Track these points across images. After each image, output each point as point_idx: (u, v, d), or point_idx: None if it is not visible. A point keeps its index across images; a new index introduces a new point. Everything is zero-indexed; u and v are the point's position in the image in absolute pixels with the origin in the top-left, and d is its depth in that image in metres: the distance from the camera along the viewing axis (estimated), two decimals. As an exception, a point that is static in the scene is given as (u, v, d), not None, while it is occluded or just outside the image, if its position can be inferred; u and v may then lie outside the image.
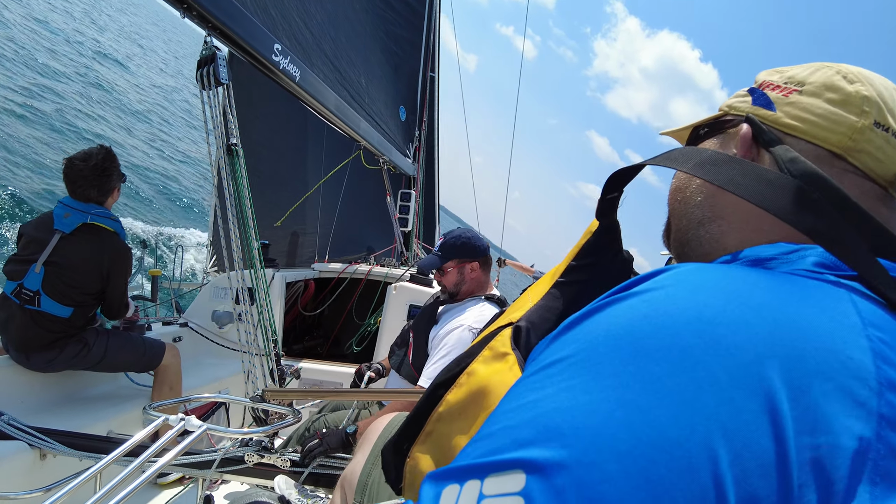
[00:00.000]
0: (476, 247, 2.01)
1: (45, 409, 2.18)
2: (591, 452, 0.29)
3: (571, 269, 0.58)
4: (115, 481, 0.97)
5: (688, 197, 0.57)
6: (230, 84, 1.53)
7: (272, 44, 1.75)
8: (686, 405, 0.29)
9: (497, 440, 0.34)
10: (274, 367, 1.78)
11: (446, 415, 0.52)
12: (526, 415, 0.33)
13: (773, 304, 0.34)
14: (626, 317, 0.35)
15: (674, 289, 0.36)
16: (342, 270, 3.65)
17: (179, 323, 3.19)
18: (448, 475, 0.34)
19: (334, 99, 2.39)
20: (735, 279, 0.36)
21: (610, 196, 0.56)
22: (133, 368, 2.46)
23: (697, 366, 0.30)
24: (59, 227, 2.11)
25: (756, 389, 0.29)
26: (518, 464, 0.31)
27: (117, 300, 2.29)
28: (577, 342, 0.36)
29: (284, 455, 1.53)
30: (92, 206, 2.16)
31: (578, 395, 0.32)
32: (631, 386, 0.31)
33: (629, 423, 0.29)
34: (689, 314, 0.33)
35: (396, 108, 3.87)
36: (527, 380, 0.37)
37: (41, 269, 2.07)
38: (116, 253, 2.19)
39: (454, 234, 2.03)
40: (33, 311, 2.09)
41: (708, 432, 0.28)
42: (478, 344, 0.55)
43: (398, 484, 0.57)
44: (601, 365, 0.33)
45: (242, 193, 1.62)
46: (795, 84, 0.53)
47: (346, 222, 4.53)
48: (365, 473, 1.05)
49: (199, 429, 1.23)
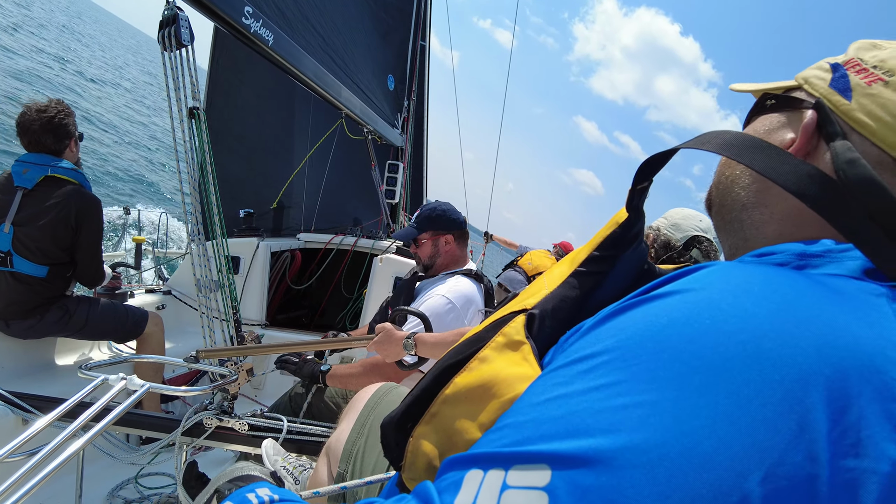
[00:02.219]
0: (451, 219, 1.99)
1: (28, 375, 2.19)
2: (619, 457, 0.28)
3: (593, 258, 0.55)
4: (52, 444, 0.96)
5: (736, 176, 0.55)
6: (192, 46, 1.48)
7: (242, 6, 1.69)
8: (722, 418, 0.28)
9: (523, 431, 0.33)
10: (234, 333, 1.78)
11: (452, 398, 0.51)
12: (555, 410, 0.33)
13: (820, 317, 0.32)
14: (664, 318, 0.34)
15: (715, 291, 0.35)
16: (328, 241, 3.64)
17: (163, 291, 3.19)
18: (471, 460, 0.34)
19: (313, 65, 2.33)
20: (780, 286, 0.35)
21: (640, 186, 0.53)
22: (115, 336, 2.47)
23: (738, 379, 0.29)
24: (19, 183, 2.06)
25: (796, 408, 0.28)
26: (544, 458, 0.30)
27: (89, 261, 2.23)
28: (611, 338, 0.36)
29: (243, 419, 1.54)
30: (50, 158, 2.10)
31: (610, 396, 0.31)
32: (666, 393, 0.30)
33: (661, 430, 0.29)
34: (733, 323, 0.32)
35: (384, 76, 3.79)
36: (555, 373, 0.37)
37: (10, 229, 2.03)
38: (83, 202, 2.12)
39: (430, 206, 2.02)
40: (7, 274, 2.06)
41: (742, 448, 0.27)
42: (489, 328, 0.54)
43: (398, 462, 0.56)
44: (636, 367, 0.32)
45: (204, 160, 1.59)
46: (885, 71, 0.48)
47: (332, 193, 4.49)
48: (350, 442, 1.05)
49: (141, 388, 1.22)
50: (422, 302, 1.83)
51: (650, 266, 0.60)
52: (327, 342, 1.66)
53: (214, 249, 1.75)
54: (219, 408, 1.58)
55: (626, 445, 0.29)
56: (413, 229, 1.98)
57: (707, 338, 0.31)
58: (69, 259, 2.19)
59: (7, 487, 0.87)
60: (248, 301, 3.15)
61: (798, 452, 0.27)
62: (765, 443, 0.27)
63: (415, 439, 0.54)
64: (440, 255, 1.99)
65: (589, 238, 0.59)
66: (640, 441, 0.29)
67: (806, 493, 0.26)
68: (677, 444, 0.28)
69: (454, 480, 0.34)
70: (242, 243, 3.18)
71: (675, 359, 0.31)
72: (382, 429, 0.59)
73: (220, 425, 1.54)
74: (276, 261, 3.45)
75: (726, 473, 0.27)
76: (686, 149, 0.50)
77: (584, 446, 0.30)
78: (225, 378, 1.61)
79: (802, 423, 0.28)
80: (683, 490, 0.27)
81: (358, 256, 3.59)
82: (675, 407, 0.29)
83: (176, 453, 1.53)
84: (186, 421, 1.52)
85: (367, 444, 1.03)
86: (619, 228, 0.55)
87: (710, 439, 0.28)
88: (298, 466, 1.43)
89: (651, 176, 0.53)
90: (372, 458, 1.00)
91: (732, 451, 0.27)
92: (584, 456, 0.29)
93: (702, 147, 0.49)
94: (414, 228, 1.98)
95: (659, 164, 0.52)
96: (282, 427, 1.54)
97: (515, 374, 0.47)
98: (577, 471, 0.29)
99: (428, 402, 0.53)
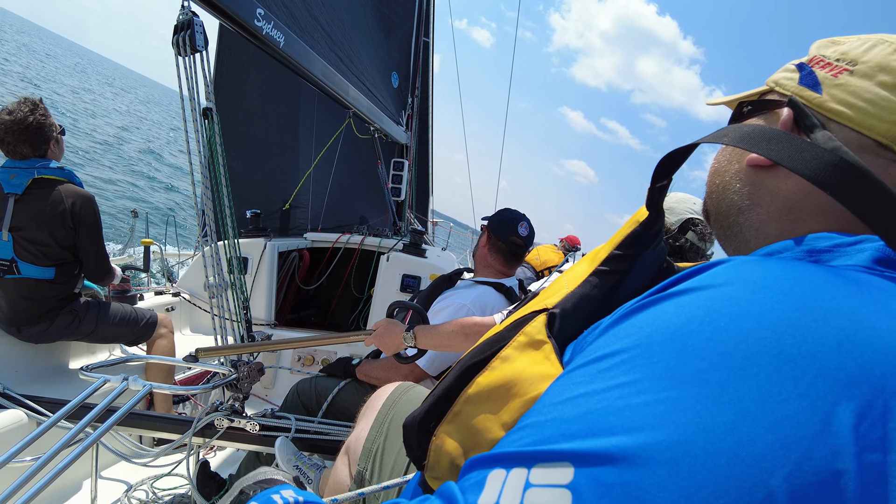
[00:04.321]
0: (501, 221, 1.92)
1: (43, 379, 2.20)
2: (642, 454, 0.29)
3: (613, 257, 0.55)
4: (56, 447, 0.96)
5: (727, 182, 0.56)
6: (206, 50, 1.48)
7: (255, 8, 1.69)
8: (745, 415, 0.28)
9: (545, 430, 0.34)
10: (245, 333, 1.78)
11: (475, 397, 0.51)
12: (576, 409, 0.33)
13: (840, 311, 0.32)
14: (683, 315, 0.34)
15: (733, 287, 0.35)
16: (335, 240, 3.64)
17: (172, 293, 3.20)
18: (494, 460, 0.34)
19: (321, 65, 2.33)
20: (798, 280, 0.35)
21: (660, 184, 0.53)
22: (125, 340, 2.47)
23: (759, 375, 0.29)
24: (9, 190, 2.03)
25: (818, 403, 0.28)
26: (567, 456, 0.31)
27: (94, 257, 2.21)
28: (629, 337, 0.36)
29: (254, 420, 1.55)
30: (35, 161, 2.06)
31: (631, 394, 0.32)
32: (687, 390, 0.30)
33: (683, 427, 0.29)
34: (752, 319, 0.32)
35: (388, 74, 3.78)
36: (575, 372, 0.37)
37: (9, 237, 2.01)
38: (76, 197, 2.09)
39: (508, 208, 2.01)
40: (16, 281, 2.06)
41: (766, 444, 0.27)
42: (510, 327, 0.54)
43: (421, 461, 0.57)
44: (656, 365, 0.32)
45: (217, 160, 1.59)
46: (847, 62, 0.49)
47: (338, 192, 4.49)
48: (370, 441, 1.06)
49: (143, 387, 1.22)
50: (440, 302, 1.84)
51: (669, 264, 0.60)
52: (327, 338, 1.67)
53: (226, 250, 1.76)
54: (229, 408, 1.59)
55: (649, 442, 0.29)
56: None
57: (726, 334, 0.31)
58: (74, 258, 2.18)
59: (14, 489, 0.88)
60: (257, 301, 3.16)
61: (824, 447, 0.27)
62: (789, 438, 0.27)
63: (438, 438, 0.54)
64: (478, 252, 1.99)
65: (588, 228, 0.58)
66: (662, 438, 0.29)
67: (833, 488, 0.26)
68: (700, 441, 0.28)
69: (477, 480, 0.34)
70: (250, 244, 3.19)
71: (695, 356, 0.31)
72: (405, 428, 0.60)
73: (231, 426, 1.54)
74: (283, 261, 3.45)
75: (750, 470, 0.27)
76: (705, 143, 0.50)
77: (606, 444, 0.30)
78: (225, 377, 1.62)
79: (827, 419, 0.27)
80: (707, 487, 0.27)
81: (366, 255, 3.59)
82: (696, 404, 0.29)
83: (188, 454, 1.54)
84: (198, 422, 1.52)
85: (387, 443, 1.04)
86: (640, 227, 0.55)
87: (733, 435, 0.28)
88: (311, 465, 1.44)
89: (671, 173, 0.53)
90: (391, 457, 1.01)
91: (756, 448, 0.27)
92: (606, 453, 0.29)
93: (720, 141, 0.50)
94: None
95: (678, 161, 0.52)
96: (291, 426, 1.55)
97: (537, 373, 0.47)
98: (599, 468, 0.29)
99: (450, 402, 0.54)
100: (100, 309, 2.29)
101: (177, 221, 4.47)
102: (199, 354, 1.58)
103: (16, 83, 20.13)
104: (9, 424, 1.55)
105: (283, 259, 3.45)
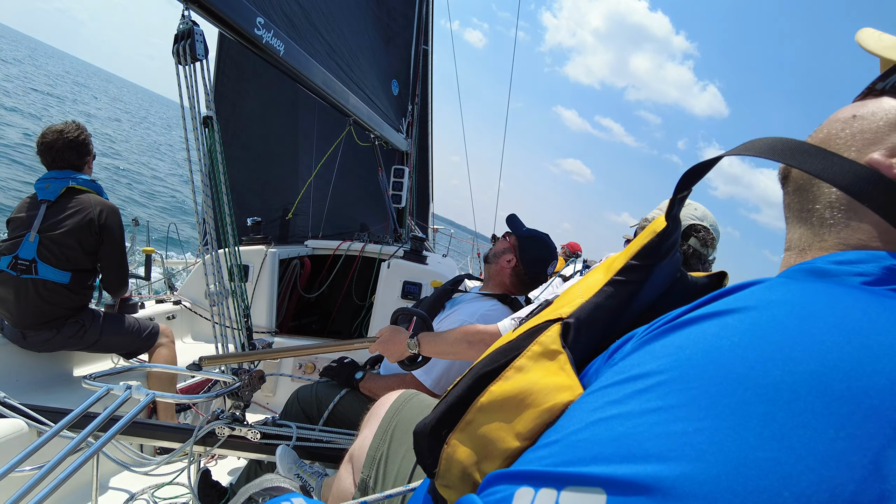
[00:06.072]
0: (535, 259, 1.85)
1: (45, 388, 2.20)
2: (679, 486, 0.27)
3: (630, 267, 0.54)
4: (58, 456, 0.96)
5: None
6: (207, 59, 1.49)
7: (254, 17, 1.70)
8: (790, 452, 0.27)
9: (576, 451, 0.32)
10: (245, 341, 1.79)
11: (488, 406, 0.50)
12: (609, 431, 0.32)
13: (895, 347, 0.30)
14: (725, 339, 0.33)
15: (781, 312, 0.33)
16: (336, 248, 3.64)
17: (173, 301, 3.20)
18: (521, 477, 0.33)
19: (321, 73, 2.34)
20: (850, 309, 0.33)
21: (681, 195, 0.52)
22: (127, 350, 2.48)
23: (806, 411, 0.28)
24: (43, 196, 2.16)
25: (869, 445, 0.26)
26: (599, 481, 0.29)
27: (115, 266, 2.31)
28: (667, 357, 0.34)
29: (255, 428, 1.54)
30: (71, 172, 2.21)
31: (669, 420, 0.30)
32: (729, 421, 0.29)
33: (723, 461, 0.27)
34: (800, 349, 0.30)
35: (389, 81, 3.79)
36: (607, 390, 0.36)
37: (35, 238, 2.10)
38: (103, 206, 2.22)
39: (538, 233, 1.92)
40: (32, 281, 2.10)
41: (810, 484, 0.26)
42: (524, 336, 0.53)
43: (432, 469, 0.56)
44: (695, 391, 0.31)
45: (217, 169, 1.60)
46: None
47: (339, 199, 4.49)
48: (373, 448, 1.05)
49: (146, 396, 1.22)
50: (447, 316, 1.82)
51: (683, 274, 0.60)
52: (330, 345, 1.66)
53: (227, 257, 1.76)
54: (231, 416, 1.58)
55: (686, 474, 0.28)
56: (518, 228, 1.90)
57: (773, 364, 0.30)
58: (92, 266, 2.25)
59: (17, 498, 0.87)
60: (258, 309, 3.15)
61: (872, 492, 0.25)
62: (835, 480, 0.26)
63: (450, 446, 0.53)
64: (498, 263, 1.89)
65: (586, 227, 0.58)
66: (700, 471, 0.27)
67: None
68: (740, 477, 0.27)
69: (503, 496, 0.33)
70: (251, 251, 3.19)
71: (739, 385, 0.30)
72: (416, 435, 0.59)
73: (232, 434, 1.54)
74: (284, 269, 3.45)
75: None
76: (731, 156, 0.48)
77: (640, 472, 0.29)
78: (227, 385, 1.61)
79: (876, 462, 0.26)
80: None
81: (368, 262, 3.59)
82: (737, 437, 0.28)
83: (189, 462, 1.53)
84: (199, 430, 1.52)
85: (391, 451, 1.03)
86: (658, 237, 0.54)
87: (775, 473, 0.26)
88: (312, 473, 1.43)
89: (692, 185, 0.52)
90: (395, 465, 1.00)
91: (799, 488, 0.26)
92: (640, 482, 0.28)
93: (747, 153, 0.48)
94: (519, 229, 1.90)
95: (702, 173, 0.50)
96: (292, 434, 1.54)
97: (552, 383, 0.46)
98: (633, 497, 0.28)
99: (462, 410, 0.53)
100: (104, 319, 2.32)
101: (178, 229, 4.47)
102: (203, 363, 1.58)
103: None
104: (9, 434, 1.54)
105: (285, 267, 3.45)
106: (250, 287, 3.15)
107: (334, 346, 1.71)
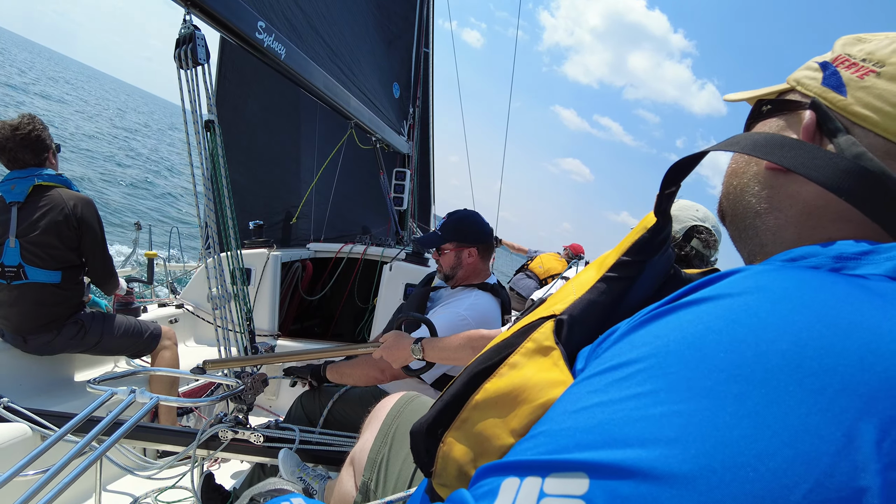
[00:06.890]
0: (477, 231, 1.90)
1: (47, 392, 2.20)
2: (658, 467, 0.28)
3: (621, 263, 0.55)
4: (63, 460, 0.96)
5: (745, 184, 0.55)
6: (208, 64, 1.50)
7: (256, 21, 1.71)
8: (765, 428, 0.28)
9: (559, 440, 0.33)
10: (248, 344, 1.79)
11: (483, 404, 0.51)
12: (591, 419, 0.33)
13: (863, 323, 0.31)
14: (701, 325, 0.34)
15: (753, 297, 0.34)
16: (338, 251, 3.65)
17: (175, 304, 3.21)
18: (508, 468, 0.34)
19: (322, 76, 2.34)
20: (819, 291, 0.34)
21: (668, 191, 0.53)
22: (129, 352, 2.48)
23: (779, 388, 0.29)
24: (11, 199, 2.10)
25: (840, 418, 0.27)
26: (582, 466, 0.30)
27: (100, 261, 2.26)
28: (646, 346, 0.35)
29: (258, 431, 1.55)
30: (34, 170, 2.14)
31: (648, 405, 0.31)
32: (705, 402, 0.29)
33: (700, 441, 0.28)
34: (772, 330, 0.31)
35: (390, 84, 3.80)
36: (590, 380, 0.36)
37: (16, 243, 2.07)
38: (76, 199, 2.17)
39: (458, 215, 1.93)
40: (23, 287, 2.09)
41: (786, 459, 0.26)
42: (518, 333, 0.54)
43: (429, 468, 0.56)
44: (673, 375, 0.32)
45: (219, 172, 1.60)
46: (874, 63, 0.48)
47: (340, 202, 4.50)
48: (374, 451, 1.05)
49: (151, 400, 1.22)
50: (436, 314, 1.82)
51: (676, 270, 0.60)
52: (334, 349, 1.66)
53: (229, 261, 1.76)
54: (234, 420, 1.58)
55: (665, 456, 0.28)
56: (438, 236, 1.89)
57: (745, 346, 0.31)
58: (80, 261, 2.22)
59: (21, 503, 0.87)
60: (260, 312, 3.16)
61: (846, 464, 0.26)
62: (810, 454, 0.26)
63: (445, 445, 0.54)
64: (462, 266, 1.90)
65: (585, 226, 0.58)
66: (679, 451, 0.28)
67: None
68: (718, 455, 0.27)
69: (491, 488, 0.33)
70: (253, 255, 3.20)
71: (714, 367, 0.31)
72: (412, 435, 0.59)
73: (235, 437, 1.54)
74: (287, 272, 3.45)
75: (770, 486, 0.26)
76: (716, 151, 0.49)
77: (622, 456, 0.29)
78: (231, 388, 1.61)
79: (849, 434, 0.27)
80: (724, 503, 0.26)
81: (370, 265, 3.59)
82: (714, 417, 0.29)
83: (192, 466, 1.53)
84: (202, 434, 1.52)
85: (392, 453, 1.04)
86: (648, 233, 0.54)
87: (752, 450, 0.27)
88: (315, 476, 1.43)
89: (680, 180, 0.52)
90: (396, 467, 1.01)
91: (776, 463, 0.26)
92: (622, 465, 0.29)
93: (732, 149, 0.49)
94: (438, 236, 1.89)
95: (688, 168, 0.51)
96: (295, 437, 1.54)
97: (546, 379, 0.47)
98: (615, 481, 0.29)
99: (458, 408, 0.53)
100: (104, 320, 2.31)
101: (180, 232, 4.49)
102: (207, 366, 1.58)
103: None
104: (13, 438, 1.54)
105: (287, 270, 3.45)
106: (252, 290, 3.16)
107: (338, 351, 1.71)
